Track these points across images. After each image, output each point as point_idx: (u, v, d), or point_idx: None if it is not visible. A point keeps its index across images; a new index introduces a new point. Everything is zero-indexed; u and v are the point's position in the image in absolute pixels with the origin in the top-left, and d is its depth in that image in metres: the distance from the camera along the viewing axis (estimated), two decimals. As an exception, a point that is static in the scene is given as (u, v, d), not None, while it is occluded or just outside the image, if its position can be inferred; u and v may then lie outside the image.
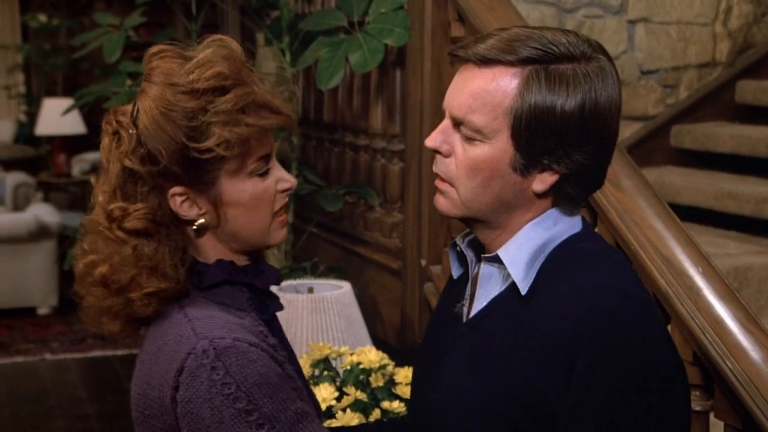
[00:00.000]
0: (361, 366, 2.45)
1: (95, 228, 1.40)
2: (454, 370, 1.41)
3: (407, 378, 2.41)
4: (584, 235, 1.41)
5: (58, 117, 7.26)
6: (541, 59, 1.32)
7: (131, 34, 3.98)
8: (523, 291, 1.35)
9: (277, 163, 1.43)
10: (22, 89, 11.30)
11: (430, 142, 1.40)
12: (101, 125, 1.41)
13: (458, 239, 1.50)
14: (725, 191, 3.38)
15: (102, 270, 1.37)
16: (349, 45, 3.10)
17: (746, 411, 1.83)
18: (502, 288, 1.40)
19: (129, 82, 3.77)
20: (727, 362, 1.86)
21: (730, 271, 2.89)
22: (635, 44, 3.95)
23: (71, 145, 8.74)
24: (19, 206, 7.58)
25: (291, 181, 1.43)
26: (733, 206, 3.33)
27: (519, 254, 1.37)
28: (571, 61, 1.32)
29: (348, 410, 2.32)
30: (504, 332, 1.36)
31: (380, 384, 2.42)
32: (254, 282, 1.42)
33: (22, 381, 5.41)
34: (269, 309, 1.45)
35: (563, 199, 1.38)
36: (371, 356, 2.47)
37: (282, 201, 1.43)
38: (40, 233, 6.57)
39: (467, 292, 1.47)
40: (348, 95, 3.64)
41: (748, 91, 3.97)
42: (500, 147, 1.34)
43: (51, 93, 10.38)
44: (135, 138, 1.35)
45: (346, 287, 2.96)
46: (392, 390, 2.41)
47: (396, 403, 2.38)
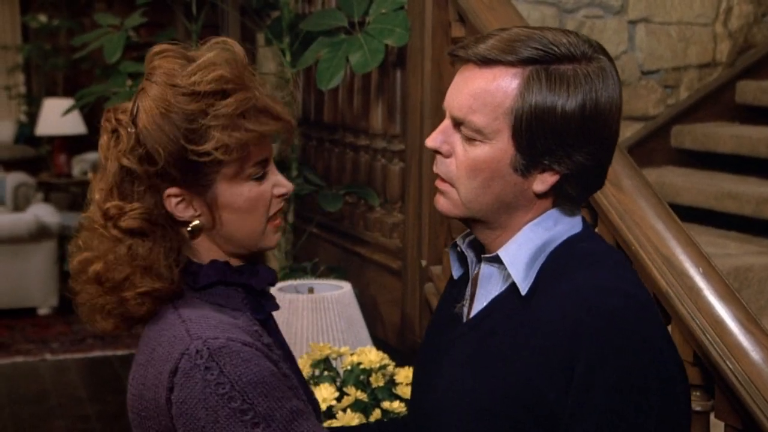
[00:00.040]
0: (362, 366, 2.45)
1: (91, 225, 1.40)
2: (455, 371, 1.41)
3: (407, 378, 2.41)
4: (584, 236, 1.41)
5: (59, 117, 7.24)
6: (542, 59, 1.32)
7: (131, 35, 3.97)
8: (523, 291, 1.35)
9: (275, 168, 1.42)
10: (23, 89, 11.29)
11: (431, 143, 1.40)
12: (101, 124, 1.41)
13: (459, 239, 1.50)
14: (725, 191, 3.38)
15: (96, 267, 1.37)
16: (350, 45, 3.10)
17: (747, 411, 1.83)
18: (503, 288, 1.40)
19: (129, 83, 3.77)
20: (728, 362, 1.86)
21: (731, 272, 2.88)
22: (636, 44, 3.94)
23: (71, 146, 8.73)
24: (20, 206, 7.58)
25: (287, 186, 1.43)
26: (734, 206, 3.33)
27: (519, 254, 1.37)
28: (572, 62, 1.32)
29: (348, 410, 2.32)
30: (504, 332, 1.36)
31: (380, 384, 2.42)
32: (249, 282, 1.42)
33: (23, 381, 5.41)
34: (265, 309, 1.45)
35: (564, 200, 1.38)
36: (371, 356, 2.47)
37: (278, 206, 1.42)
38: (41, 233, 6.57)
39: (467, 293, 1.47)
40: (348, 95, 3.64)
41: (749, 92, 3.96)
42: (501, 147, 1.34)
43: (51, 93, 10.37)
44: (134, 137, 1.35)
45: (347, 287, 2.95)
46: (392, 390, 2.41)
47: (396, 404, 2.38)
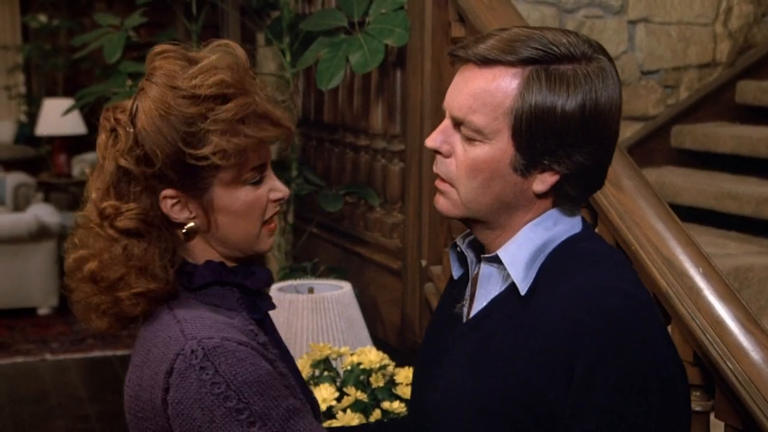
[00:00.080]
0: (362, 366, 2.44)
1: (87, 224, 1.40)
2: (454, 371, 1.41)
3: (408, 378, 2.41)
4: (584, 236, 1.40)
5: (59, 117, 7.24)
6: (542, 59, 1.32)
7: (131, 35, 3.97)
8: (523, 291, 1.35)
9: (272, 172, 1.42)
10: (23, 89, 11.29)
11: (431, 143, 1.40)
12: (100, 122, 1.41)
13: (458, 240, 1.50)
14: (726, 191, 3.38)
15: (91, 266, 1.37)
16: (350, 45, 3.10)
17: (747, 411, 1.83)
18: (502, 288, 1.40)
19: (129, 83, 3.77)
20: (728, 363, 1.86)
21: (731, 272, 2.88)
22: (635, 44, 3.94)
23: (71, 146, 8.73)
24: (20, 206, 7.59)
25: (284, 191, 1.43)
26: (734, 206, 3.33)
27: (519, 254, 1.37)
28: (572, 62, 1.32)
29: (348, 410, 2.32)
30: (504, 332, 1.36)
31: (381, 384, 2.42)
32: (245, 283, 1.42)
33: (23, 381, 5.41)
34: (261, 308, 1.45)
35: (563, 200, 1.38)
36: (371, 356, 2.47)
37: (273, 210, 1.42)
38: (41, 233, 6.57)
39: (467, 293, 1.47)
40: (348, 95, 3.64)
41: (749, 92, 3.96)
42: (500, 147, 1.34)
43: (51, 93, 10.37)
44: (132, 137, 1.35)
45: (347, 287, 2.95)
46: (392, 390, 2.41)
47: (396, 404, 2.38)
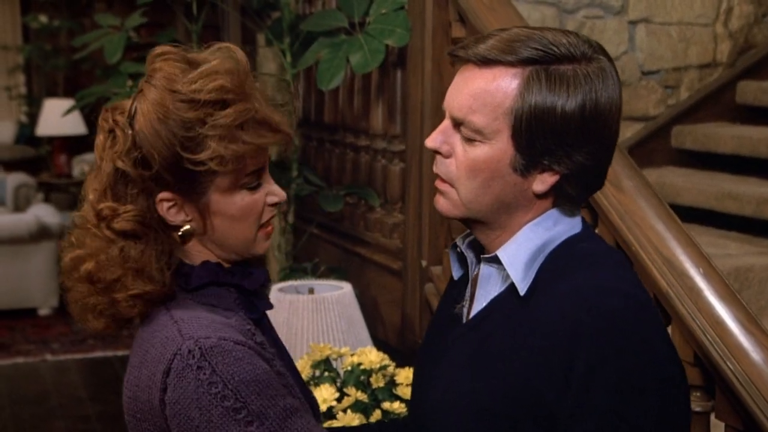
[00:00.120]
0: (362, 367, 2.44)
1: (84, 224, 1.40)
2: (454, 371, 1.41)
3: (408, 379, 2.41)
4: (584, 236, 1.40)
5: (59, 118, 7.23)
6: (542, 60, 1.32)
7: (132, 35, 3.97)
8: (522, 291, 1.35)
9: (269, 176, 1.42)
10: (23, 90, 11.29)
11: (431, 143, 1.39)
12: (98, 122, 1.41)
13: (458, 240, 1.50)
14: (726, 192, 3.37)
15: (88, 266, 1.37)
16: (350, 46, 3.10)
17: (747, 412, 1.83)
18: (502, 288, 1.40)
19: (130, 83, 3.77)
20: (728, 363, 1.86)
21: (731, 272, 2.88)
22: (636, 45, 3.94)
23: (72, 146, 8.73)
24: (20, 207, 7.58)
25: (281, 195, 1.43)
26: (734, 207, 3.33)
27: (518, 255, 1.37)
28: (572, 62, 1.32)
29: (349, 411, 2.32)
30: (503, 333, 1.36)
31: (381, 385, 2.42)
32: (242, 283, 1.42)
33: (23, 382, 5.41)
34: (258, 308, 1.45)
35: (563, 200, 1.38)
36: (372, 357, 2.47)
37: (270, 214, 1.42)
38: (41, 234, 6.57)
39: (467, 293, 1.47)
40: (349, 96, 3.64)
41: (749, 92, 3.96)
42: (500, 147, 1.34)
43: (52, 94, 10.36)
44: (130, 139, 1.35)
45: (347, 288, 2.95)
46: (393, 391, 2.41)
47: (396, 404, 2.38)
